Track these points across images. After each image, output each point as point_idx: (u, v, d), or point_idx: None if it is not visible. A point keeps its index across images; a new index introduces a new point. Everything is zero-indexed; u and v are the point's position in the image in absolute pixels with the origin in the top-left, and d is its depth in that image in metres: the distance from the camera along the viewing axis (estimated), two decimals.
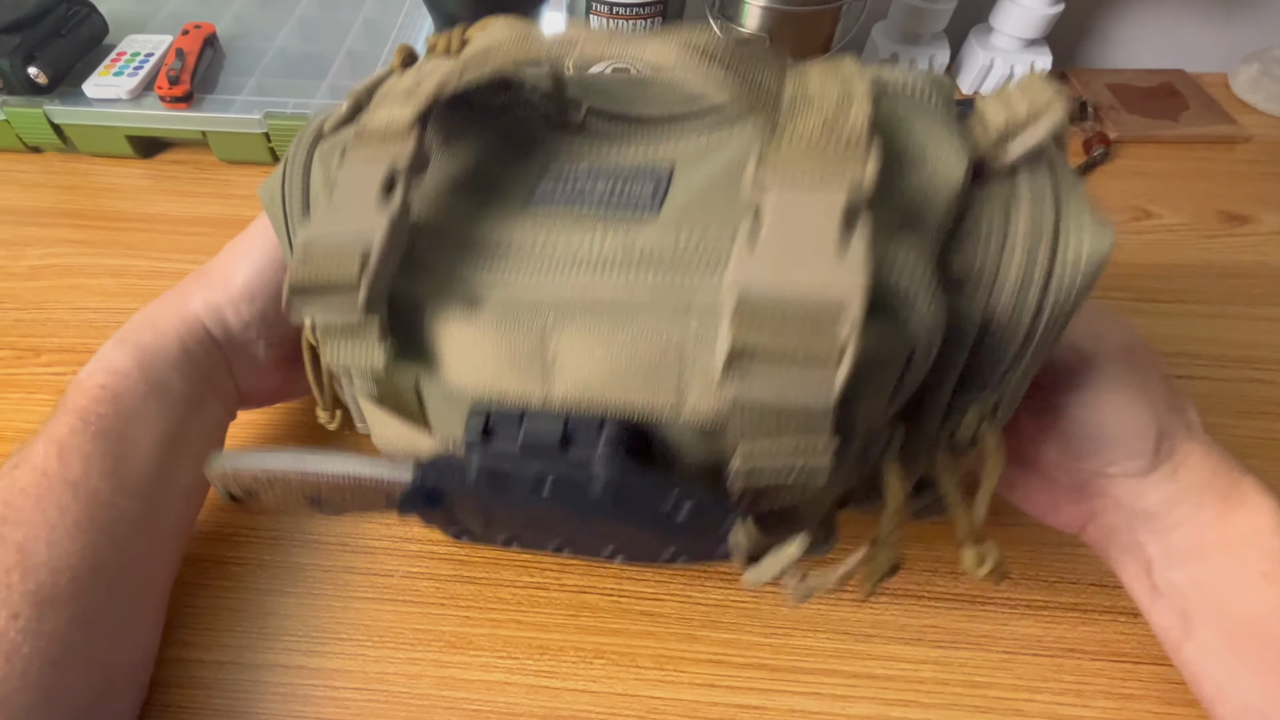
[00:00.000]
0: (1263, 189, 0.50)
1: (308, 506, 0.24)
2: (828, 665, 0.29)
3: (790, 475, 0.18)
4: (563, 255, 0.20)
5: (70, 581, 0.24)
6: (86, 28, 0.48)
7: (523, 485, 0.20)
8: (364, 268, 0.18)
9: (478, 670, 0.29)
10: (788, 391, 0.16)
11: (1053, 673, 0.29)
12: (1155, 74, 0.57)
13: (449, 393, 0.20)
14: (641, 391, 0.19)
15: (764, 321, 0.16)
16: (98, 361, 0.27)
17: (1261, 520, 0.24)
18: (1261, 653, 0.24)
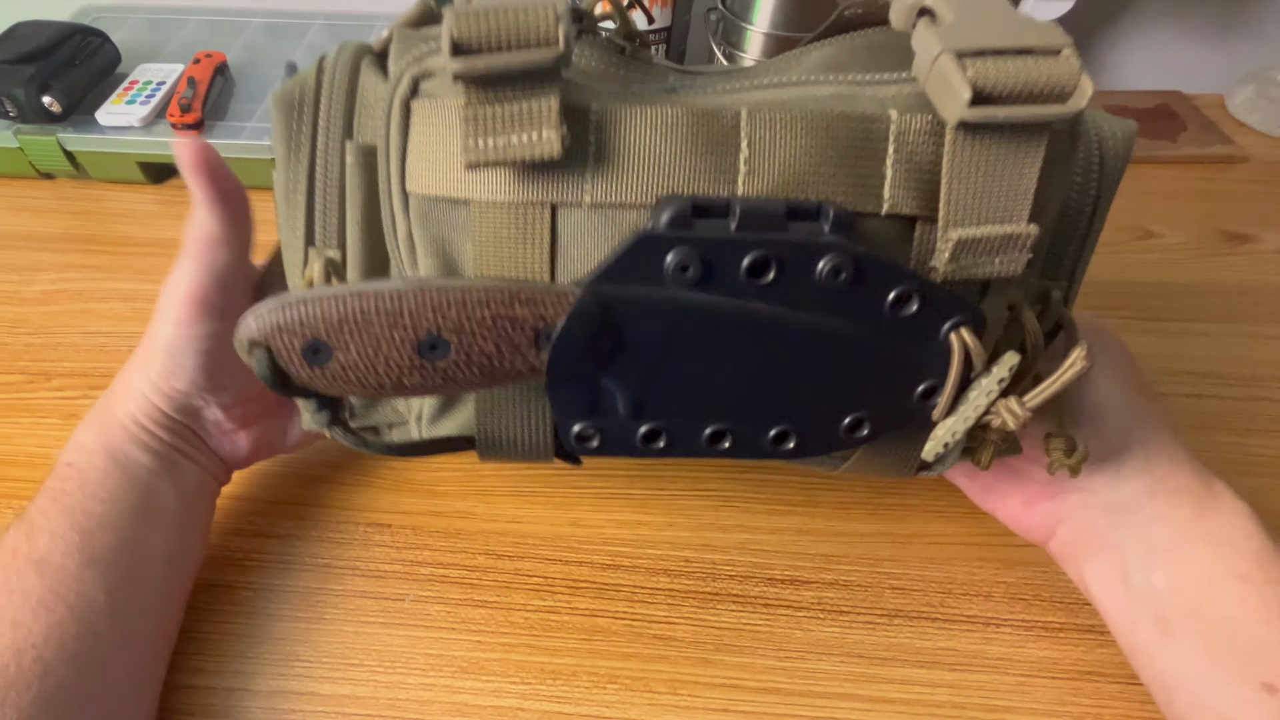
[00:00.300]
0: (1263, 208, 0.50)
1: (416, 359, 0.19)
2: (843, 689, 0.29)
3: (997, 256, 0.19)
4: (735, 86, 0.21)
5: (34, 661, 0.23)
6: (100, 58, 0.49)
7: (737, 275, 0.18)
8: (559, 21, 0.17)
9: (490, 696, 0.29)
10: (1012, 146, 0.18)
11: (1070, 696, 0.29)
12: (1153, 95, 0.58)
13: (608, 203, 0.19)
14: (843, 181, 0.19)
15: (995, 66, 0.17)
16: (69, 443, 0.28)
17: (1239, 523, 0.25)
18: (1237, 659, 0.24)
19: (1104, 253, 0.46)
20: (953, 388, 0.20)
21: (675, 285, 0.18)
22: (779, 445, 0.22)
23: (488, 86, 0.18)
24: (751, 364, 0.20)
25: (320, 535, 0.33)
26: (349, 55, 0.23)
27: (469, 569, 0.32)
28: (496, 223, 0.20)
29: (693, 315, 0.19)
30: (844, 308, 0.19)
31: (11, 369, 0.39)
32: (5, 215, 0.48)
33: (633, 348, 0.19)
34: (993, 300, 0.21)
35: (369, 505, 0.34)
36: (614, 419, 0.21)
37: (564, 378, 0.20)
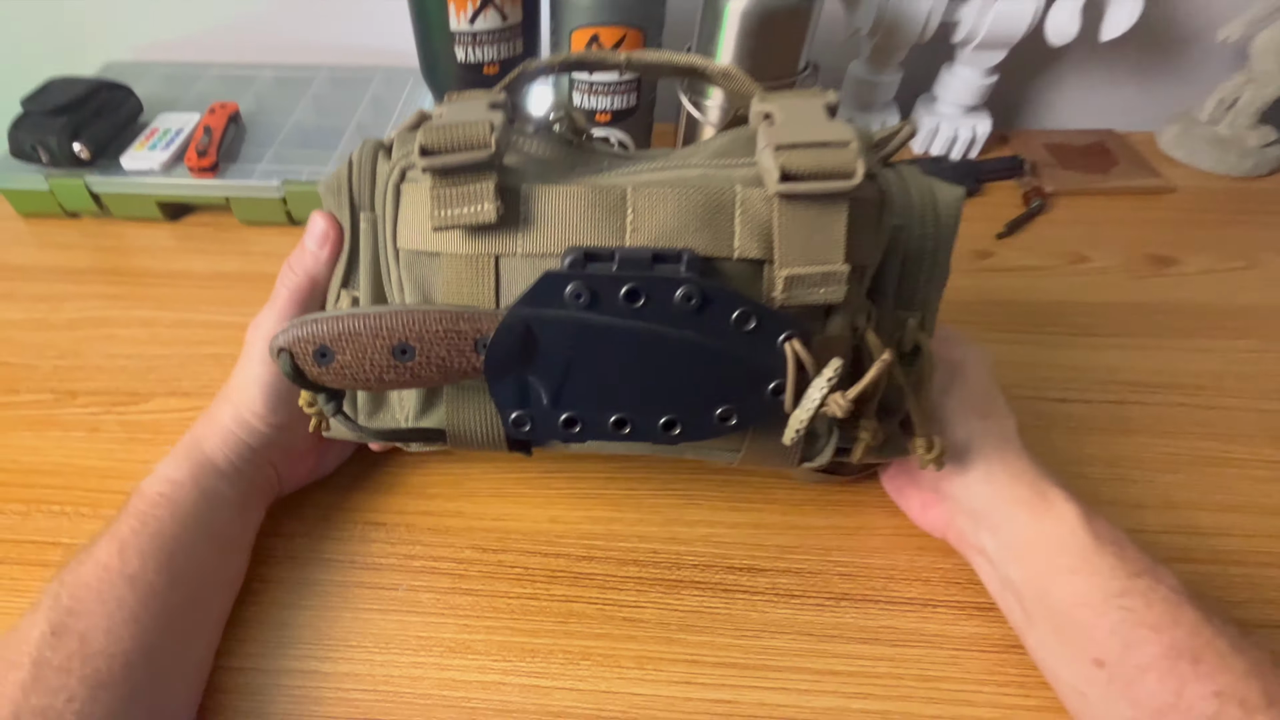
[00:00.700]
0: (1188, 234, 0.55)
1: (391, 360, 0.25)
2: (793, 663, 0.32)
3: (818, 288, 0.25)
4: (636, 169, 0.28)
5: (123, 666, 0.26)
6: (125, 109, 0.54)
7: (617, 301, 0.24)
8: (493, 130, 0.24)
9: (475, 672, 0.32)
10: (819, 209, 0.24)
11: (998, 667, 0.32)
12: (1088, 134, 0.63)
13: (534, 253, 0.25)
14: (702, 235, 0.25)
15: (799, 155, 0.24)
16: (157, 475, 0.31)
17: (1065, 524, 0.29)
18: (1074, 639, 0.28)
19: (1041, 276, 0.51)
20: (792, 384, 0.25)
21: (573, 308, 0.24)
22: (668, 431, 0.27)
23: (446, 175, 0.25)
24: (637, 366, 0.26)
25: (322, 533, 0.36)
26: (369, 151, 0.30)
27: (456, 561, 0.35)
28: (457, 268, 0.26)
29: (588, 330, 0.25)
30: (699, 325, 0.25)
31: (41, 388, 0.43)
32: (35, 251, 0.52)
33: (546, 353, 0.25)
34: (835, 321, 0.27)
35: (366, 506, 0.37)
36: (540, 408, 0.27)
37: (497, 374, 0.26)
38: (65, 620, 0.26)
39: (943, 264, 0.30)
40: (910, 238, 0.29)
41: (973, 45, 0.55)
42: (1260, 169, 0.59)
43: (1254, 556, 0.36)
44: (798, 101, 0.27)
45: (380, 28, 0.64)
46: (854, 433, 0.29)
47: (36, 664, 0.25)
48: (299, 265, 0.32)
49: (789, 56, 0.48)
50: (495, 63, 0.48)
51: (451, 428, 0.29)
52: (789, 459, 0.30)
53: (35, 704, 0.24)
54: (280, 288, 0.32)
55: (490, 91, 0.28)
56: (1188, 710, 0.25)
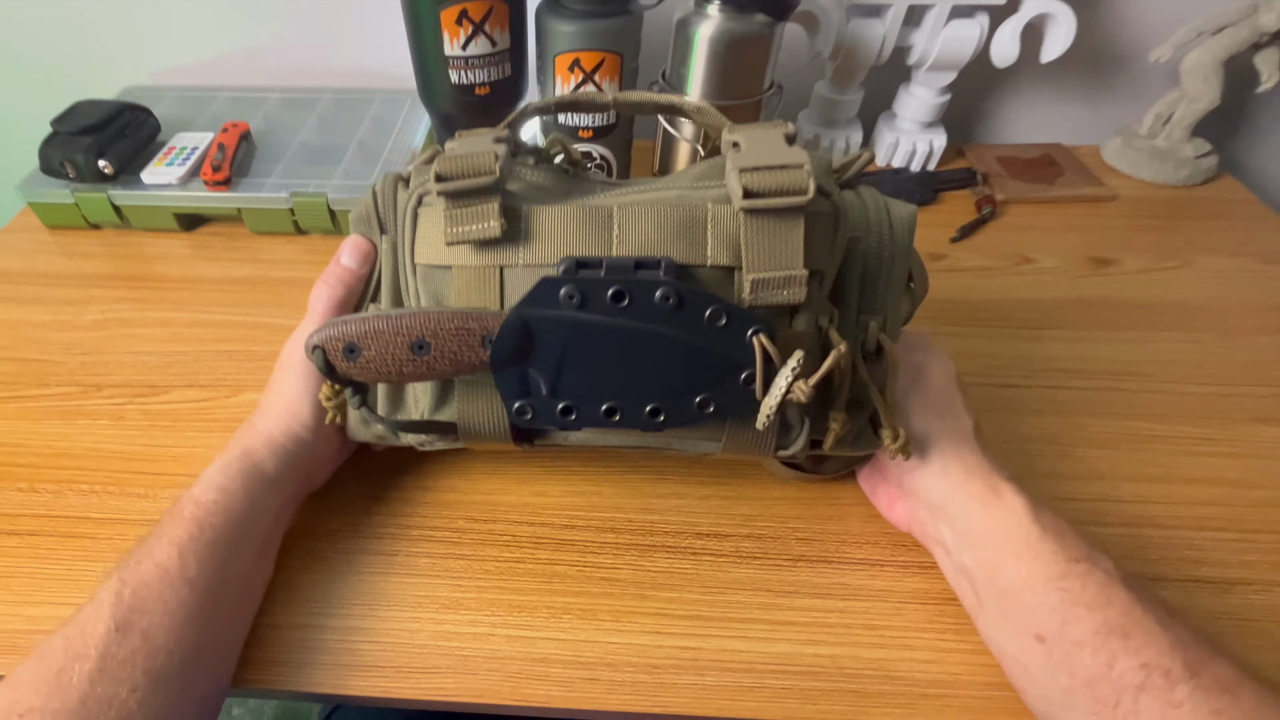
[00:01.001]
0: (1126, 238, 0.59)
1: (410, 354, 0.29)
2: (753, 615, 0.36)
3: (782, 290, 0.28)
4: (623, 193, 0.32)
5: (181, 662, 0.29)
6: (145, 129, 0.58)
7: (604, 301, 0.27)
8: (498, 159, 0.29)
9: (468, 625, 0.35)
10: (779, 221, 0.28)
11: (937, 617, 0.36)
12: (1037, 147, 0.68)
13: (532, 264, 0.29)
14: (679, 246, 0.29)
15: (759, 176, 0.28)
16: (211, 482, 0.33)
17: (1012, 514, 0.31)
18: (1018, 617, 0.30)
19: (990, 275, 0.56)
20: (760, 373, 0.28)
21: (566, 308, 0.28)
22: (654, 418, 0.30)
23: (457, 198, 0.29)
24: (624, 359, 0.29)
25: (329, 508, 0.40)
26: (390, 182, 0.35)
27: (450, 530, 0.39)
28: (467, 278, 0.30)
29: (580, 326, 0.28)
30: (677, 322, 0.28)
31: (69, 382, 0.46)
32: (60, 259, 0.56)
33: (543, 348, 0.29)
34: (800, 319, 0.30)
35: (369, 482, 0.41)
36: (540, 398, 0.30)
37: (502, 367, 0.29)
38: (129, 617, 0.29)
39: (898, 273, 0.33)
40: (869, 249, 0.32)
41: (925, 67, 0.60)
42: (1195, 178, 0.64)
43: (1170, 520, 0.40)
44: (761, 132, 0.31)
45: (380, 54, 0.69)
46: (825, 424, 0.32)
47: (103, 656, 0.27)
48: (335, 278, 0.36)
49: (754, 77, 0.53)
50: (486, 84, 0.52)
51: (462, 421, 0.33)
52: (765, 445, 0.33)
53: (101, 693, 0.27)
54: (316, 301, 0.35)
55: (495, 130, 0.32)
56: (1118, 680, 0.27)
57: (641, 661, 0.34)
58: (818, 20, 0.57)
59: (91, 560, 0.38)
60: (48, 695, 0.27)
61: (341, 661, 0.34)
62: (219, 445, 0.42)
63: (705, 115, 0.34)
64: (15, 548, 0.38)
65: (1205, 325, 0.51)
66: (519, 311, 0.28)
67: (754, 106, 0.54)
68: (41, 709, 0.26)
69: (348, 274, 0.36)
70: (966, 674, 0.34)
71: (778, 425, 0.32)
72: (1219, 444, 0.44)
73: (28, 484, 0.41)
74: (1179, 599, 0.36)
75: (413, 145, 0.60)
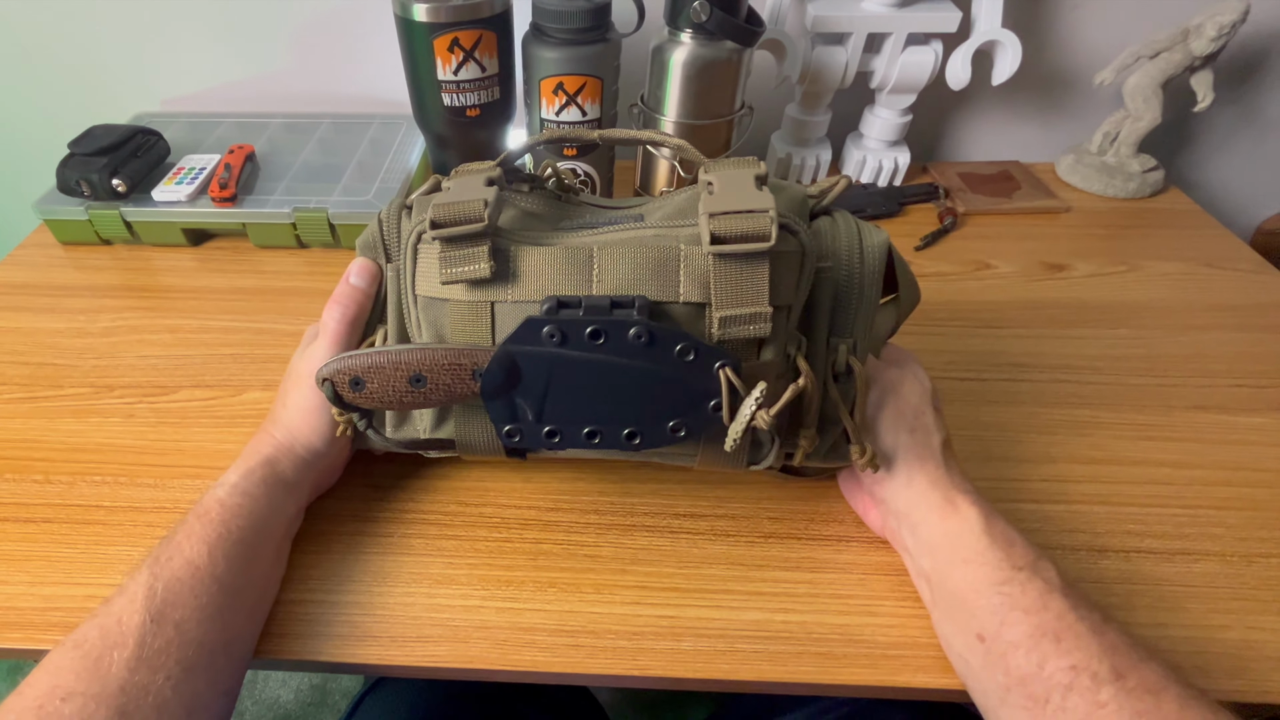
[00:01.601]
0: (1078, 245, 0.63)
1: (409, 387, 0.32)
2: (726, 587, 0.39)
3: (748, 325, 0.30)
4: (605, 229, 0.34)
5: (209, 654, 0.31)
6: (156, 151, 0.61)
7: (583, 339, 0.30)
8: (486, 206, 0.31)
9: (459, 599, 0.38)
10: (745, 263, 0.30)
11: (898, 586, 0.39)
12: (996, 164, 0.72)
13: (520, 300, 0.31)
14: (653, 284, 0.31)
15: (726, 221, 0.29)
16: (235, 487, 0.35)
17: (965, 525, 0.34)
18: (963, 617, 0.33)
19: (952, 280, 0.60)
20: (726, 403, 0.30)
21: (548, 345, 0.30)
22: (631, 441, 0.32)
23: (451, 242, 0.31)
24: (602, 389, 0.31)
25: (330, 495, 0.42)
26: (395, 211, 0.37)
27: (443, 513, 0.42)
28: (462, 311, 0.33)
29: (561, 362, 0.31)
30: (649, 356, 0.30)
31: (81, 383, 0.49)
32: (73, 273, 0.59)
33: (528, 380, 0.31)
34: (767, 349, 0.32)
35: (366, 472, 0.43)
36: (527, 423, 0.33)
37: (492, 397, 0.32)
38: (163, 610, 0.30)
39: (868, 299, 0.35)
40: (839, 276, 0.34)
41: (887, 90, 0.65)
42: (1142, 191, 0.69)
43: (1116, 498, 0.43)
44: (734, 172, 0.32)
45: (376, 82, 0.73)
46: (797, 440, 0.35)
47: (139, 645, 0.29)
48: (347, 298, 0.38)
49: (726, 98, 0.57)
50: (476, 106, 0.56)
51: (459, 438, 0.36)
52: (737, 462, 0.35)
53: (139, 680, 0.29)
54: (329, 320, 0.38)
55: (489, 167, 0.35)
56: (1047, 680, 0.29)
57: (622, 629, 0.37)
58: (784, 47, 0.61)
59: (103, 545, 0.40)
60: (88, 681, 0.28)
61: (342, 633, 0.36)
62: (226, 439, 0.46)
63: (685, 152, 0.37)
64: (32, 534, 0.40)
65: (1151, 323, 0.55)
66: (506, 348, 0.31)
67: (726, 125, 0.58)
68: (83, 693, 0.28)
69: (358, 293, 0.39)
70: (924, 637, 0.36)
71: (749, 443, 0.34)
72: (1162, 429, 0.47)
73: (43, 476, 0.43)
74: (1125, 568, 0.39)
75: (408, 164, 0.64)
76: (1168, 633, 0.37)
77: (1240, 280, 0.59)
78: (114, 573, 0.39)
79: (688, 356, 0.30)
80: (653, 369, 0.30)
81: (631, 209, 0.36)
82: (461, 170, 0.36)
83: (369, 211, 0.58)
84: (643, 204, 0.37)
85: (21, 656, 0.36)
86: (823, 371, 0.35)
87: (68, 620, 0.37)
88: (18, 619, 0.37)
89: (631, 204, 0.37)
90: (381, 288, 0.39)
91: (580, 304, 0.30)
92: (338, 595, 0.38)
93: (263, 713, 0.97)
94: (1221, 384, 0.50)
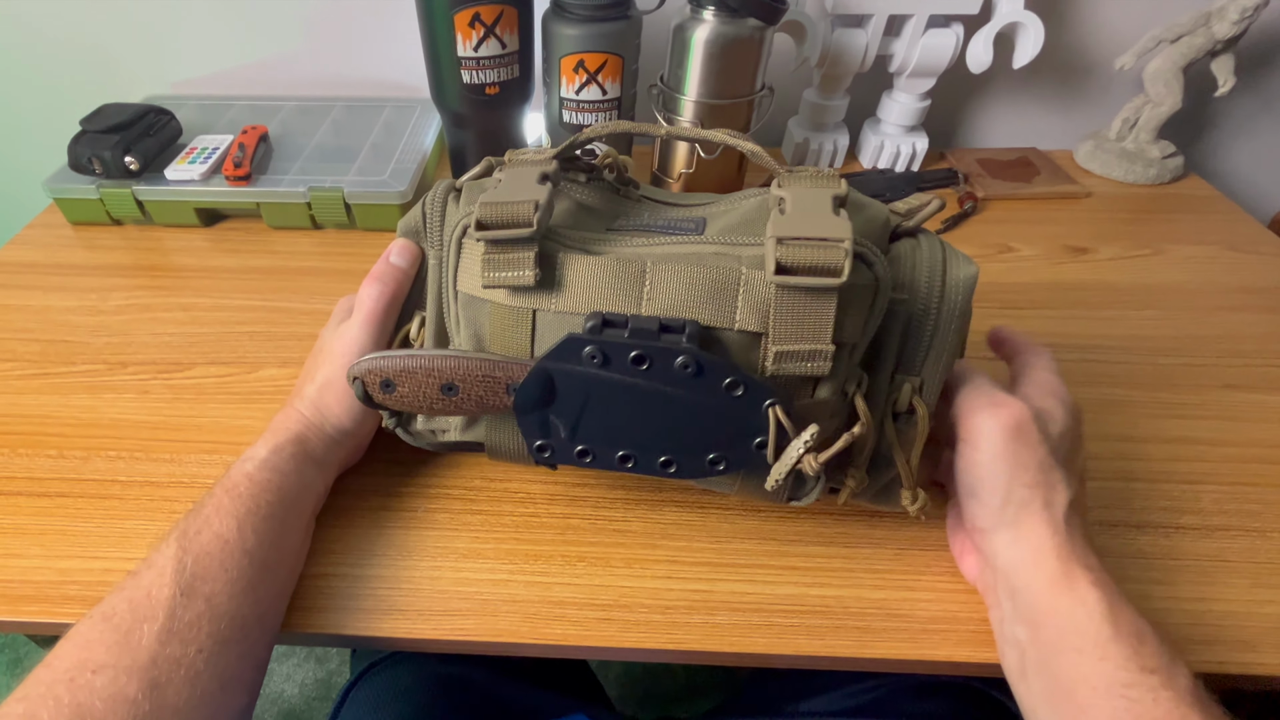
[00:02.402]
0: (1100, 230, 0.63)
1: (440, 394, 0.31)
2: (760, 562, 0.38)
3: (806, 363, 0.28)
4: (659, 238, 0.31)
5: (240, 628, 0.30)
6: (168, 130, 0.61)
7: (626, 362, 0.28)
8: (537, 210, 0.28)
9: (486, 573, 0.37)
10: (810, 297, 0.27)
11: (935, 561, 0.38)
12: (1014, 151, 0.72)
13: (563, 311, 0.29)
14: (708, 308, 0.28)
15: (796, 250, 0.26)
16: (265, 462, 0.35)
17: (1083, 608, 0.29)
18: (1069, 709, 0.29)
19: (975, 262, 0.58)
20: (773, 443, 0.28)
21: (588, 365, 0.29)
22: (665, 469, 0.31)
23: (496, 244, 0.29)
24: (640, 415, 0.30)
25: (352, 470, 0.41)
26: (441, 195, 0.35)
27: (467, 489, 0.41)
28: (503, 316, 0.31)
29: (600, 384, 0.29)
30: (696, 388, 0.28)
31: (95, 360, 0.48)
32: (84, 253, 0.58)
33: (564, 398, 0.30)
34: (824, 386, 0.30)
35: (389, 447, 0.42)
36: (559, 440, 0.32)
37: (524, 412, 0.31)
38: (193, 584, 0.30)
39: (942, 337, 0.31)
40: (914, 309, 0.31)
41: (906, 74, 0.64)
42: (1162, 177, 0.68)
43: (1152, 475, 0.42)
44: (811, 190, 0.29)
45: (390, 64, 0.72)
46: (843, 478, 0.33)
47: (170, 618, 0.29)
48: (388, 277, 0.37)
49: (747, 78, 0.56)
50: (495, 84, 0.56)
51: (489, 443, 0.35)
52: (778, 497, 0.34)
53: (170, 653, 0.28)
54: (365, 298, 0.37)
55: (544, 158, 0.32)
56: None
57: (654, 603, 0.36)
58: (804, 29, 0.61)
59: (120, 519, 0.39)
60: (119, 653, 0.28)
61: (367, 607, 0.35)
62: (243, 415, 0.45)
63: (760, 158, 0.33)
64: (47, 508, 0.39)
65: (1177, 304, 0.55)
66: (543, 365, 0.29)
67: (746, 105, 0.58)
68: (114, 666, 0.27)
69: (398, 272, 0.38)
70: (964, 611, 0.36)
71: (790, 481, 0.32)
72: (1194, 408, 0.46)
73: (57, 451, 0.42)
74: (1165, 544, 0.39)
75: (424, 146, 0.63)
76: (1210, 607, 0.36)
77: (1266, 263, 0.59)
78: (132, 547, 0.38)
79: (736, 391, 0.28)
80: (697, 399, 0.29)
81: (693, 208, 0.34)
82: (515, 159, 0.33)
83: (385, 191, 0.57)
84: (705, 204, 0.34)
85: (39, 630, 0.35)
86: (881, 409, 0.33)
87: (85, 594, 0.36)
88: (35, 592, 0.36)
89: (693, 201, 0.35)
90: (422, 269, 0.38)
91: (626, 324, 0.28)
92: (362, 569, 0.37)
93: (267, 708, 0.96)
94: (1254, 364, 0.49)
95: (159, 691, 0.27)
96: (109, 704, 0.26)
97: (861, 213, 0.31)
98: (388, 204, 0.58)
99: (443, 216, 0.35)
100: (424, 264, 0.38)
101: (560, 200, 0.33)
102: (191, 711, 0.28)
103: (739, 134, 0.34)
